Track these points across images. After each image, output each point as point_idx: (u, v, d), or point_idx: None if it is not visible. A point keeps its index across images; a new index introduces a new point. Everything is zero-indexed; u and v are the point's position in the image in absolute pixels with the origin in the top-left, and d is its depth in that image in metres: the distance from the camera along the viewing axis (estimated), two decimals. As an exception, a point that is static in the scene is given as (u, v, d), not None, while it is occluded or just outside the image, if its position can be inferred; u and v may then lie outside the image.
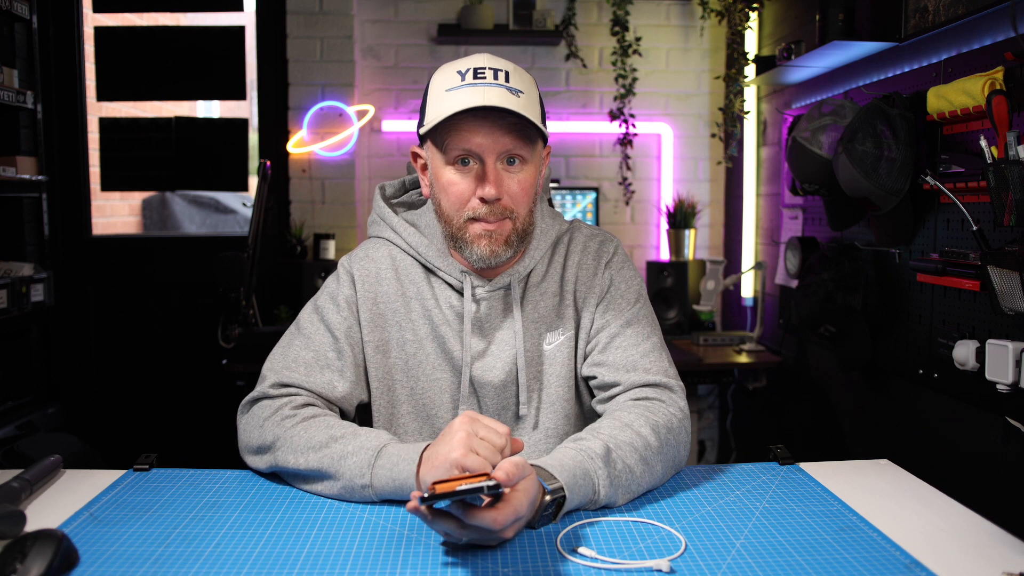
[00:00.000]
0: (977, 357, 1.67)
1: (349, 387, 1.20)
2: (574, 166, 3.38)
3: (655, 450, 1.07)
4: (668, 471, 1.11)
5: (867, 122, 1.88)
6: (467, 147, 1.12)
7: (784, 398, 2.84)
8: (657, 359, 1.21)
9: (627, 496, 1.03)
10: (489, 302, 1.23)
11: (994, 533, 0.94)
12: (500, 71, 1.13)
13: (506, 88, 1.11)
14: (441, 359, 1.23)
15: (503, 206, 1.15)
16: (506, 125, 1.11)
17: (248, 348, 2.64)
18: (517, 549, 0.90)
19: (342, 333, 1.21)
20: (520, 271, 1.24)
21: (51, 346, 3.12)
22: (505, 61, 1.16)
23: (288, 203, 3.22)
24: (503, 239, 1.16)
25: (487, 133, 1.11)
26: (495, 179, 1.13)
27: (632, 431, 1.07)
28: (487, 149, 1.12)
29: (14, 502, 1.00)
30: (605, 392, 1.21)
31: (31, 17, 2.83)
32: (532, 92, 1.16)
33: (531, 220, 1.20)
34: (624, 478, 1.02)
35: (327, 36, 3.15)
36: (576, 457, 1.00)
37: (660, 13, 3.34)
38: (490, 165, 1.13)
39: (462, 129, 1.12)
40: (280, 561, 0.87)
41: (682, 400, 1.19)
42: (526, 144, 1.14)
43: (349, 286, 1.24)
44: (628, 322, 1.23)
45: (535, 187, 1.19)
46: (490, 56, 1.16)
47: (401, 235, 1.26)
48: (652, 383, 1.18)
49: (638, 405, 1.14)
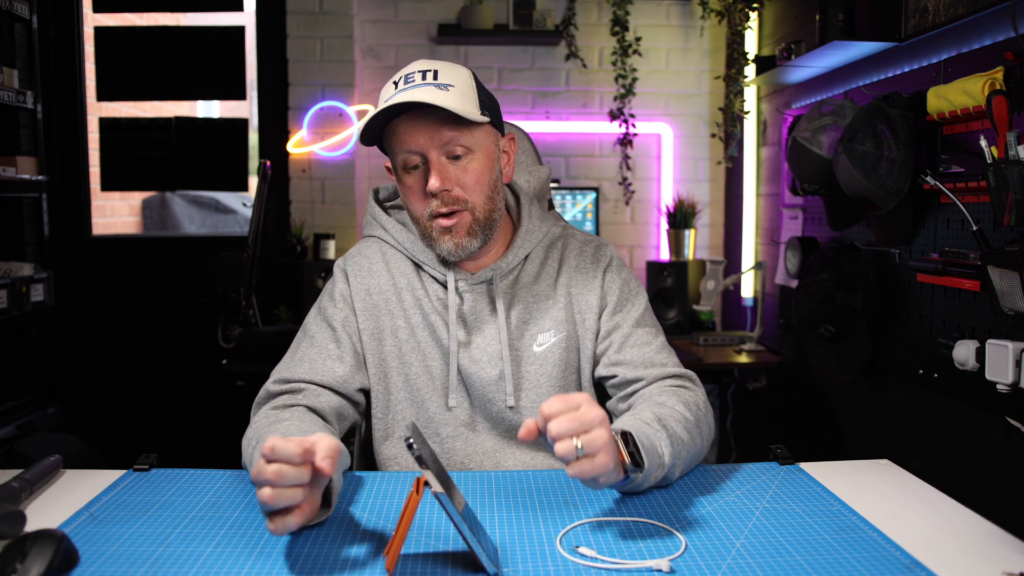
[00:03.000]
0: (977, 357, 1.67)
1: (348, 371, 1.24)
2: (574, 166, 3.38)
3: (693, 423, 1.12)
4: (704, 446, 1.16)
5: (867, 122, 1.88)
6: (408, 147, 1.18)
7: (784, 398, 2.84)
8: (669, 355, 1.27)
9: (680, 465, 1.07)
10: (472, 295, 1.27)
11: (994, 533, 0.94)
12: (429, 71, 1.18)
13: (434, 85, 1.16)
14: (433, 347, 1.26)
15: (455, 197, 1.19)
16: (439, 119, 1.15)
17: (248, 348, 2.64)
18: (517, 549, 0.90)
19: (339, 323, 1.27)
20: (503, 267, 1.27)
21: (51, 346, 3.12)
22: (437, 61, 1.20)
23: (288, 203, 3.22)
24: (464, 231, 1.20)
25: (422, 130, 1.16)
26: (438, 171, 1.17)
27: (668, 407, 1.12)
28: (426, 145, 1.17)
29: (14, 502, 1.00)
30: (627, 388, 1.25)
31: (31, 17, 2.83)
32: (465, 84, 1.19)
33: (492, 207, 1.23)
34: (676, 445, 1.05)
35: (327, 36, 3.15)
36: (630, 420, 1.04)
37: (660, 13, 3.34)
38: (433, 160, 1.17)
39: (400, 132, 1.18)
40: (280, 561, 0.87)
41: (701, 388, 1.25)
42: (464, 133, 1.17)
43: (343, 281, 1.30)
44: (638, 323, 1.28)
45: (489, 175, 1.22)
46: (423, 61, 1.21)
47: (391, 233, 1.31)
48: (673, 374, 1.24)
49: (665, 390, 1.19)
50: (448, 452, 1.26)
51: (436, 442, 1.26)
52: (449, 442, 1.26)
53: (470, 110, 1.17)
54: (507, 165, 1.28)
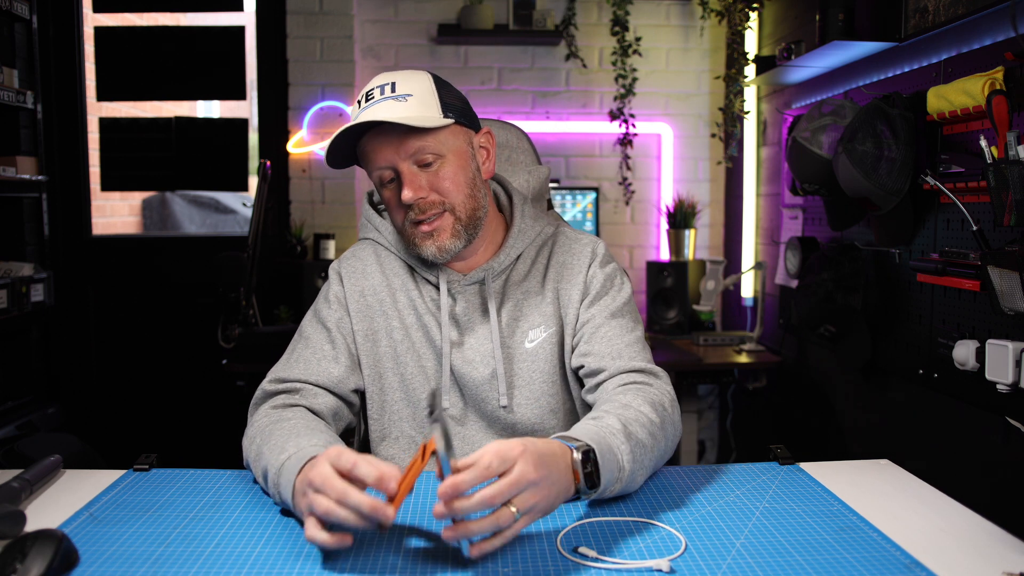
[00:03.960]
0: (977, 357, 1.67)
1: (343, 371, 1.24)
2: (574, 166, 3.38)
3: (658, 426, 1.10)
4: (669, 448, 1.14)
5: (867, 122, 1.88)
6: (379, 164, 1.19)
7: (784, 398, 2.84)
8: (641, 350, 1.24)
9: (643, 472, 1.05)
10: (465, 296, 1.27)
11: (994, 533, 0.94)
12: (387, 85, 1.18)
13: (392, 99, 1.16)
14: (427, 347, 1.26)
15: (431, 202, 1.19)
16: (402, 131, 1.16)
17: (248, 348, 2.64)
18: (517, 549, 0.90)
19: (333, 324, 1.27)
20: (495, 267, 1.27)
21: (51, 346, 3.12)
22: (397, 72, 1.20)
23: (288, 203, 3.22)
24: (447, 233, 1.21)
25: (388, 146, 1.16)
26: (409, 183, 1.17)
27: (634, 409, 1.09)
28: (394, 159, 1.17)
29: (14, 502, 1.00)
30: (593, 379, 1.23)
31: (31, 17, 2.83)
32: (423, 89, 1.19)
33: (475, 204, 1.23)
34: (638, 452, 1.03)
35: (327, 36, 3.15)
36: (594, 428, 1.02)
37: (660, 13, 3.34)
38: (404, 171, 1.18)
39: (368, 151, 1.19)
40: (280, 561, 0.87)
41: (668, 385, 1.21)
42: (430, 140, 1.17)
43: (338, 283, 1.31)
44: (613, 315, 1.26)
45: (466, 174, 1.21)
46: (383, 75, 1.21)
47: (384, 235, 1.32)
48: (638, 369, 1.20)
49: (629, 388, 1.16)
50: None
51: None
52: None
53: (431, 115, 1.17)
54: (486, 161, 1.27)
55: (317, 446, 1.00)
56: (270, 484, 1.01)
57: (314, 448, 0.99)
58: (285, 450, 1.01)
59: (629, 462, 1.01)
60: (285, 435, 1.06)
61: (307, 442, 1.02)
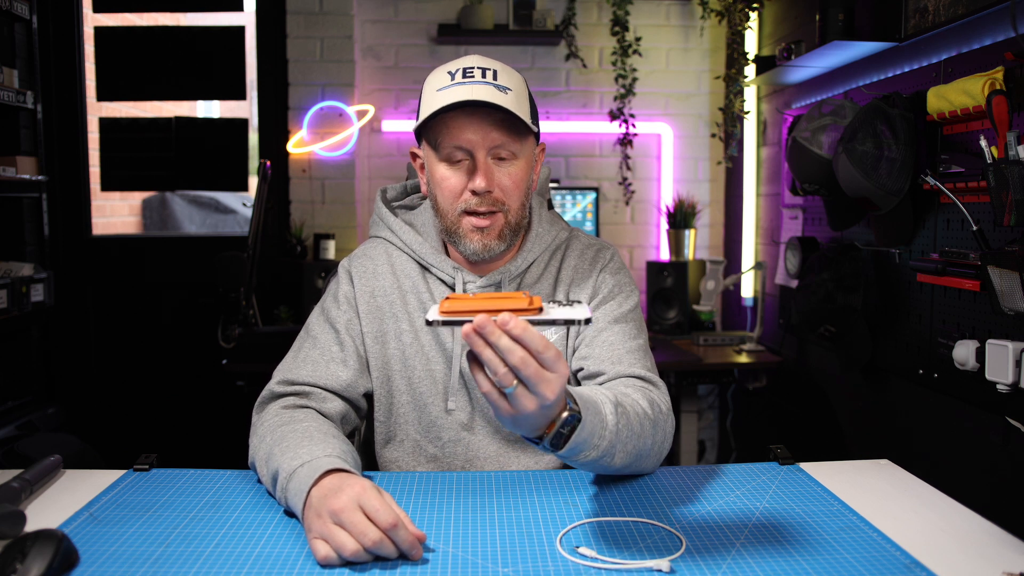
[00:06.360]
0: (977, 357, 1.67)
1: (353, 375, 1.23)
2: (574, 166, 3.38)
3: (651, 420, 1.07)
4: (656, 449, 1.10)
5: (867, 122, 1.88)
6: (457, 143, 1.16)
7: (784, 398, 2.84)
8: (643, 357, 1.22)
9: (623, 454, 1.01)
10: None
11: (994, 533, 0.94)
12: (488, 70, 1.16)
13: (494, 86, 1.15)
14: (436, 350, 1.26)
15: (494, 199, 1.18)
16: (494, 120, 1.15)
17: (248, 348, 2.64)
18: (517, 549, 0.90)
19: (343, 326, 1.26)
20: (512, 270, 1.27)
21: (51, 346, 3.12)
22: (494, 61, 1.19)
23: (288, 203, 3.22)
24: (496, 233, 1.20)
25: (476, 129, 1.15)
26: (485, 172, 1.16)
27: (631, 398, 1.06)
28: (476, 144, 1.16)
29: (14, 502, 1.00)
30: (590, 383, 1.22)
31: (31, 17, 2.83)
32: (521, 89, 1.19)
33: (523, 214, 1.24)
34: (625, 433, 0.99)
35: (327, 36, 3.15)
36: (592, 393, 0.98)
37: (660, 13, 3.34)
38: (480, 159, 1.17)
39: (452, 126, 1.16)
40: (280, 561, 0.87)
41: (666, 396, 1.18)
42: (515, 139, 1.17)
43: (347, 283, 1.29)
44: (617, 320, 1.25)
45: (527, 182, 1.22)
46: (480, 57, 1.20)
47: (397, 234, 1.31)
48: (637, 375, 1.18)
49: (630, 385, 1.14)
50: (449, 456, 1.26)
51: (437, 446, 1.26)
52: (450, 446, 1.26)
53: (525, 117, 1.17)
54: (536, 174, 1.29)
55: (332, 456, 0.99)
56: (278, 487, 1.00)
57: (329, 460, 0.98)
58: (299, 456, 0.99)
59: (612, 432, 0.96)
60: (298, 439, 1.05)
61: (321, 450, 1.00)
